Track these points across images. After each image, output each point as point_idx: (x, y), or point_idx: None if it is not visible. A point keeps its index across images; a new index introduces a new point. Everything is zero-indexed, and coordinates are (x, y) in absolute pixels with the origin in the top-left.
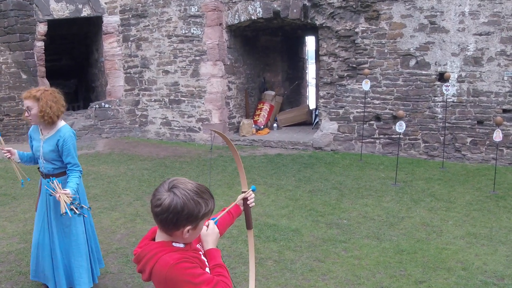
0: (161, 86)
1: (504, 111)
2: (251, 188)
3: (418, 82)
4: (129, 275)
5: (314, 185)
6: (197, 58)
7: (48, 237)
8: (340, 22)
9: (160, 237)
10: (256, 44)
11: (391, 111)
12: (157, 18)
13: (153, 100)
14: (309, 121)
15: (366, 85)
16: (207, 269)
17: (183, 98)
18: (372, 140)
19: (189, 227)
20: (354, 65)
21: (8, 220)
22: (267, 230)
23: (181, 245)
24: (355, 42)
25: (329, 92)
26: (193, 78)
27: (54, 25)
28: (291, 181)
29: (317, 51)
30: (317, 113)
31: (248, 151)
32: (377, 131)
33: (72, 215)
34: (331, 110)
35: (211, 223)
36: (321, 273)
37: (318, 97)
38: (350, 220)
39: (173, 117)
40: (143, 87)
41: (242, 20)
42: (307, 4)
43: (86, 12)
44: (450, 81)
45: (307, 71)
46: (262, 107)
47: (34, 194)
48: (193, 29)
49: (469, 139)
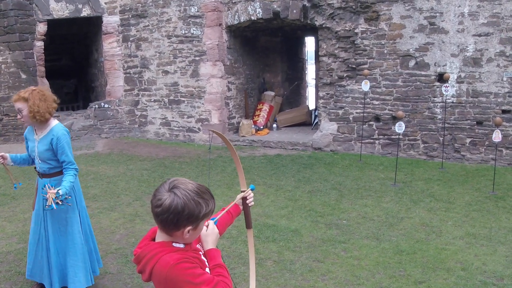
0: (161, 87)
1: (503, 112)
2: (250, 187)
3: (418, 83)
4: (129, 276)
5: (314, 186)
6: (197, 59)
7: (44, 236)
8: (340, 23)
9: (160, 237)
10: (256, 45)
11: (391, 112)
12: (157, 18)
13: (153, 101)
14: (309, 122)
15: (366, 86)
16: (207, 269)
17: (183, 99)
18: (372, 141)
19: (190, 228)
20: (354, 66)
21: (7, 220)
22: (267, 231)
23: (181, 246)
24: (355, 43)
25: (329, 93)
26: (193, 79)
27: (54, 25)
28: (291, 182)
29: (317, 52)
30: (317, 114)
31: (248, 152)
32: (377, 132)
33: (57, 207)
34: (331, 111)
35: (211, 224)
36: (321, 274)
37: (318, 98)
38: (350, 221)
39: (173, 118)
40: (143, 87)
41: (242, 21)
42: (307, 5)
43: (86, 12)
44: (450, 82)
45: (307, 72)
46: (262, 108)
47: (33, 194)
48: (193, 30)
49: (469, 140)
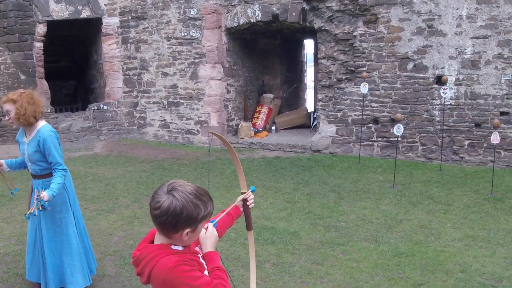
0: (160, 88)
1: (502, 114)
2: (251, 189)
3: (416, 85)
4: (127, 278)
5: (313, 188)
6: (196, 61)
7: (39, 236)
8: (339, 26)
9: (159, 240)
10: (255, 47)
11: (389, 114)
12: (157, 20)
13: (152, 102)
14: (308, 124)
15: (364, 88)
16: (206, 272)
17: (182, 101)
18: (370, 143)
19: (188, 230)
20: (353, 68)
21: (5, 222)
22: (265, 233)
23: (180, 248)
24: (354, 46)
25: (328, 95)
26: (192, 81)
27: (54, 26)
28: (290, 184)
29: (316, 54)
30: (316, 116)
31: (247, 154)
32: (375, 134)
33: (39, 212)
34: (330, 113)
35: (210, 226)
36: (320, 276)
37: (317, 100)
38: (349, 223)
39: (172, 120)
40: (142, 89)
41: (241, 23)
42: (306, 8)
43: (86, 14)
44: (448, 84)
45: (306, 74)
46: (261, 110)
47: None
48: (192, 32)
49: (467, 142)
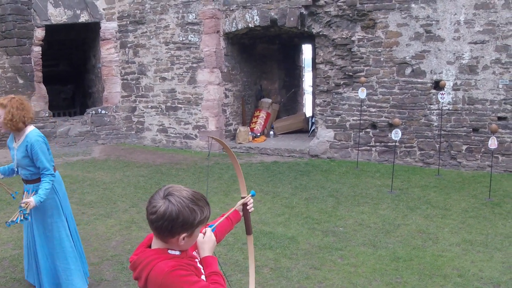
0: (158, 93)
1: (499, 119)
2: (251, 193)
3: (414, 90)
4: (124, 283)
5: (310, 193)
6: (194, 65)
7: (32, 241)
8: (337, 31)
9: (156, 244)
10: (253, 52)
11: (387, 119)
12: (155, 25)
13: (150, 107)
14: (306, 129)
15: (362, 93)
16: (203, 277)
17: (180, 105)
18: (368, 148)
19: (185, 235)
20: (351, 73)
21: (3, 226)
22: (263, 238)
23: (177, 253)
24: (352, 51)
25: (326, 100)
26: (190, 85)
27: (52, 31)
28: (288, 189)
29: (314, 59)
30: (314, 121)
31: (245, 159)
32: (373, 139)
33: (21, 221)
34: (328, 118)
35: (208, 231)
36: (317, 281)
37: (315, 105)
38: (346, 228)
39: (170, 124)
40: (140, 94)
41: (240, 28)
42: (304, 13)
43: (84, 18)
44: (446, 89)
45: (304, 79)
46: (259, 115)
47: None
48: (191, 36)
49: (465, 147)
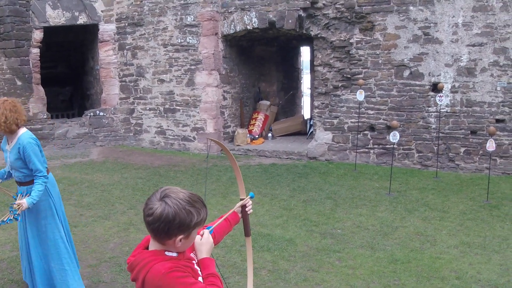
0: (156, 95)
1: (497, 121)
2: (250, 195)
3: (412, 93)
4: (122, 285)
5: (309, 195)
6: (193, 67)
7: (25, 242)
8: (335, 33)
9: (153, 246)
10: (252, 54)
11: (385, 121)
12: (153, 27)
13: (148, 109)
14: (304, 131)
15: (361, 96)
16: (200, 278)
17: (178, 107)
18: (366, 150)
19: (181, 236)
20: (349, 76)
21: (1, 228)
22: (261, 240)
23: (174, 254)
24: (350, 53)
25: (324, 102)
26: (188, 87)
27: (50, 32)
28: (286, 191)
29: (312, 62)
30: (312, 123)
31: (243, 161)
32: (371, 141)
33: (11, 221)
34: (326, 120)
35: (206, 233)
36: (315, 283)
37: (313, 107)
38: (344, 230)
39: (168, 126)
40: (138, 96)
41: (238, 30)
42: (302, 15)
43: (82, 20)
44: (444, 92)
45: (302, 81)
46: (257, 117)
47: None
48: (189, 38)
49: (463, 149)
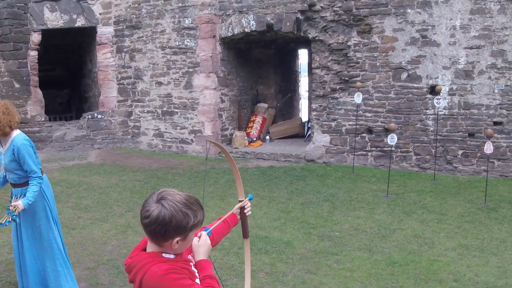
0: (154, 98)
1: (495, 124)
2: (248, 197)
3: (410, 95)
4: (120, 287)
5: (306, 198)
6: (191, 70)
7: (20, 243)
8: (333, 36)
9: (151, 248)
10: (249, 57)
11: (383, 124)
12: (151, 30)
13: (146, 112)
14: (302, 134)
15: (358, 98)
16: (198, 280)
17: (176, 110)
18: (364, 153)
19: (178, 238)
20: (347, 78)
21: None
22: (259, 242)
23: (171, 256)
24: (348, 56)
25: (322, 105)
26: (186, 90)
27: (48, 35)
28: (283, 193)
29: (310, 64)
30: (310, 126)
31: (241, 163)
32: (369, 144)
33: (9, 223)
34: (324, 123)
35: (203, 234)
36: (313, 285)
37: (311, 110)
38: (342, 232)
39: (166, 129)
40: (136, 98)
41: (236, 33)
42: (300, 18)
43: (81, 23)
44: (441, 94)
45: (300, 84)
46: (255, 120)
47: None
48: (187, 41)
49: (461, 152)
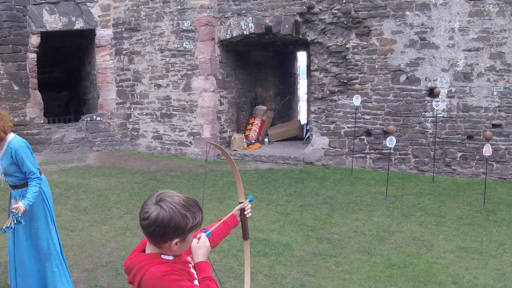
0: (153, 100)
1: (494, 126)
2: (248, 199)
3: (409, 98)
4: None
5: (305, 200)
6: (189, 73)
7: (17, 243)
8: (332, 38)
9: (150, 249)
10: (248, 59)
11: (382, 126)
12: (150, 32)
13: (145, 114)
14: (300, 136)
15: (357, 101)
16: (196, 282)
17: (175, 112)
18: (363, 155)
19: (177, 240)
20: (345, 81)
21: None
22: (258, 245)
23: (170, 258)
24: (346, 58)
25: (320, 107)
26: (185, 92)
27: (47, 37)
28: (282, 196)
29: (309, 67)
30: (308, 128)
31: (239, 166)
32: (368, 146)
33: (15, 226)
34: (322, 125)
35: (203, 236)
36: None
37: (309, 112)
38: (341, 235)
39: (165, 131)
40: (135, 101)
41: (234, 35)
42: (299, 20)
43: (79, 25)
44: (440, 97)
45: (299, 86)
46: (254, 122)
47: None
48: (186, 44)
49: (459, 154)
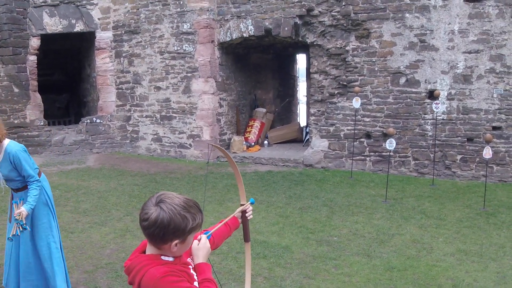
0: (153, 102)
1: (494, 128)
2: (250, 201)
3: (408, 100)
4: None
5: (305, 202)
6: (189, 75)
7: (17, 245)
8: (331, 40)
9: (150, 250)
10: (248, 62)
11: (381, 129)
12: (150, 35)
13: (145, 116)
14: (300, 139)
15: (357, 103)
16: (196, 283)
17: (175, 115)
18: (363, 158)
19: (177, 241)
20: (345, 83)
21: None
22: (257, 247)
23: (170, 259)
24: (346, 60)
25: (320, 110)
26: (185, 95)
27: (47, 40)
28: (282, 198)
29: (308, 69)
30: (308, 131)
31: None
32: (368, 149)
33: (18, 233)
34: (322, 128)
35: (203, 238)
36: None
37: (309, 115)
38: (341, 237)
39: (164, 133)
40: (135, 103)
41: (234, 38)
42: (298, 23)
43: (79, 28)
44: (440, 99)
45: (298, 89)
46: (253, 124)
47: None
48: (185, 46)
49: (459, 156)
